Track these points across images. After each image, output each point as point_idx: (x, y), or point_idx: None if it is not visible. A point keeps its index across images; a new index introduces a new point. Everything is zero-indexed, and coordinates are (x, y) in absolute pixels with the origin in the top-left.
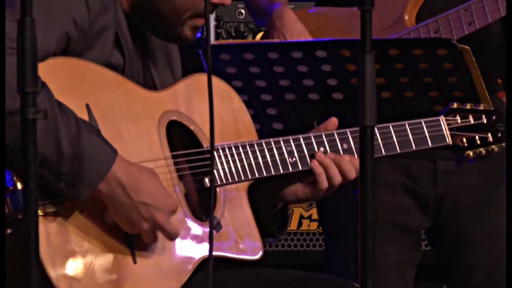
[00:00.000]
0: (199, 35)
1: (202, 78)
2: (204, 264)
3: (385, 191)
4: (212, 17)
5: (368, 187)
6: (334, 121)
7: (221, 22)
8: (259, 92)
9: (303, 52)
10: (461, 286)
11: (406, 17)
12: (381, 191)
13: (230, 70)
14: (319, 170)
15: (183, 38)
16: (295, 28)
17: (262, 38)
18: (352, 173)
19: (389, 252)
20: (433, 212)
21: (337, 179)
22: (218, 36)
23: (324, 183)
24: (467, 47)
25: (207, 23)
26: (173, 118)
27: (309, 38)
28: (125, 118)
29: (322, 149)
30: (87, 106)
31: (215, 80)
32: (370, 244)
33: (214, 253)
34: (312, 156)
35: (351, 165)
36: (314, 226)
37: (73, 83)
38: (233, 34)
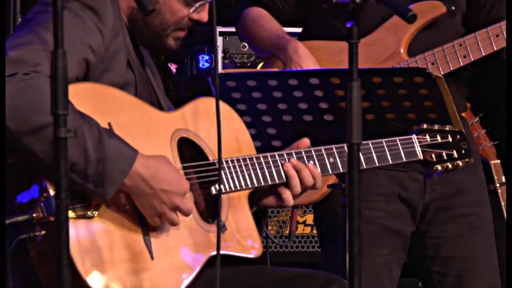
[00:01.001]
0: (209, 65)
1: (207, 101)
2: (211, 260)
3: (380, 199)
4: (220, 50)
5: (355, 196)
6: (306, 141)
7: (228, 54)
8: (260, 114)
9: (298, 80)
10: (440, 278)
11: (402, 51)
12: (376, 200)
13: (236, 95)
14: (292, 172)
15: (167, 47)
16: (309, 60)
17: (263, 66)
18: (310, 181)
19: (380, 254)
20: (420, 217)
21: (309, 181)
22: (224, 66)
23: (297, 186)
24: (440, 75)
25: (215, 55)
26: (183, 135)
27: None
28: (142, 135)
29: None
30: (109, 124)
31: (227, 106)
32: (356, 246)
33: (221, 251)
34: None
35: (310, 174)
36: (308, 230)
37: (97, 105)
38: (238, 64)
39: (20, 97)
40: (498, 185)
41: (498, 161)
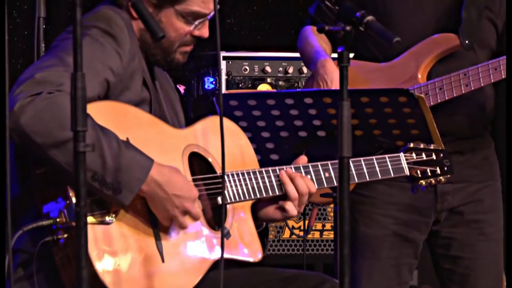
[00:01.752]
0: (213, 86)
1: (215, 119)
2: (216, 264)
3: (392, 207)
4: (223, 72)
5: (345, 204)
6: (304, 158)
7: (230, 76)
8: (260, 130)
9: (294, 99)
10: (449, 274)
11: (419, 76)
12: (389, 208)
13: (237, 113)
14: (286, 179)
15: (176, 61)
16: (334, 75)
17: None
18: (304, 187)
19: (391, 257)
20: (432, 224)
21: (303, 187)
22: (227, 87)
23: (292, 192)
24: (422, 96)
25: (219, 77)
26: (194, 150)
27: None
28: (157, 149)
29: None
30: (127, 139)
31: (226, 121)
32: (346, 249)
33: (224, 255)
34: None
35: (303, 181)
36: (301, 234)
37: (117, 121)
38: (240, 85)
39: (45, 114)
40: None
41: None
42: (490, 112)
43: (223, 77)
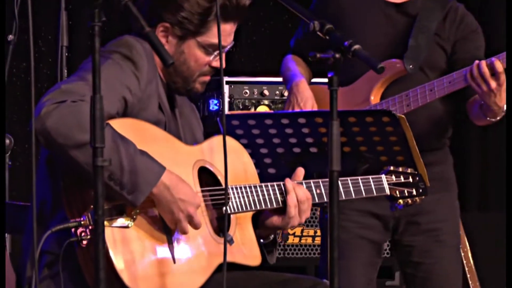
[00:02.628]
0: (217, 108)
1: (221, 138)
2: (221, 266)
3: (354, 213)
4: (226, 95)
5: (334, 212)
6: (301, 170)
7: (233, 99)
8: (258, 147)
9: (289, 119)
10: (411, 278)
11: (372, 98)
12: (351, 213)
13: (239, 132)
14: (290, 187)
15: (195, 90)
16: (305, 95)
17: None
18: (304, 195)
19: (356, 257)
20: (392, 230)
21: (302, 196)
22: (230, 108)
23: (293, 200)
24: (403, 116)
25: (222, 100)
26: (202, 165)
27: (313, 103)
28: (170, 163)
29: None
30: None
31: (232, 141)
32: (335, 252)
33: (228, 259)
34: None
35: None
36: (296, 240)
37: (136, 137)
38: (241, 107)
39: (68, 118)
40: None
41: None
42: (444, 127)
43: (226, 100)
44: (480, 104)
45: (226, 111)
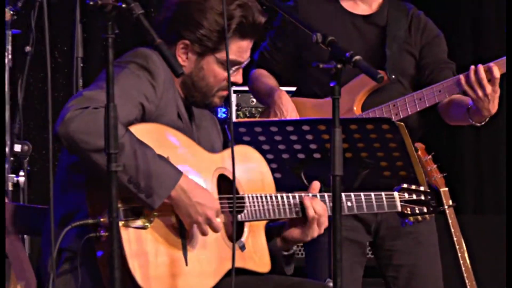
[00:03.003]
0: (225, 116)
1: (241, 147)
2: (231, 271)
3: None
4: (234, 104)
5: (338, 216)
6: (317, 184)
7: (240, 107)
8: (264, 153)
9: (294, 127)
10: (393, 280)
11: (355, 108)
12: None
13: (246, 138)
14: (308, 203)
15: (213, 104)
16: (289, 106)
17: (262, 112)
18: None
19: (344, 257)
20: (374, 233)
21: (319, 209)
22: (238, 116)
23: (312, 213)
24: (402, 123)
25: (230, 108)
26: (222, 172)
27: (296, 113)
28: (191, 168)
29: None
30: (167, 158)
31: (253, 151)
32: (338, 254)
33: (239, 265)
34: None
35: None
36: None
37: (158, 142)
38: (248, 115)
39: (90, 124)
40: (446, 207)
41: (446, 188)
42: (416, 132)
43: (234, 108)
44: (467, 107)
45: (234, 119)
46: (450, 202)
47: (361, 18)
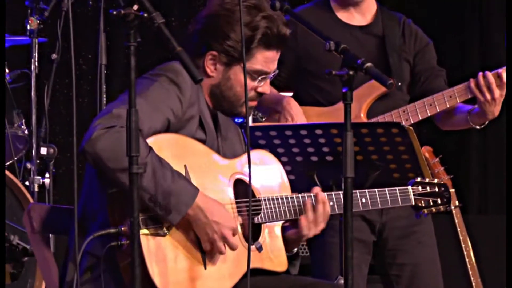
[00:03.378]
0: (242, 120)
1: (257, 152)
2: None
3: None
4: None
5: (349, 216)
6: (318, 188)
7: (255, 112)
8: (279, 156)
9: (307, 131)
10: (396, 279)
11: (362, 115)
12: None
13: (261, 142)
14: (321, 195)
15: (242, 114)
16: (298, 111)
17: (268, 118)
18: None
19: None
20: (378, 233)
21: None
22: (254, 120)
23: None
24: (411, 127)
25: (247, 113)
26: (239, 177)
27: (305, 118)
28: (209, 175)
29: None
30: (185, 166)
31: (268, 155)
32: (350, 252)
33: (256, 265)
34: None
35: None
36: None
37: (176, 151)
38: (263, 119)
39: (116, 144)
40: (453, 207)
41: (453, 190)
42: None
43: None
44: (468, 110)
45: (250, 123)
46: (457, 203)
47: (358, 29)
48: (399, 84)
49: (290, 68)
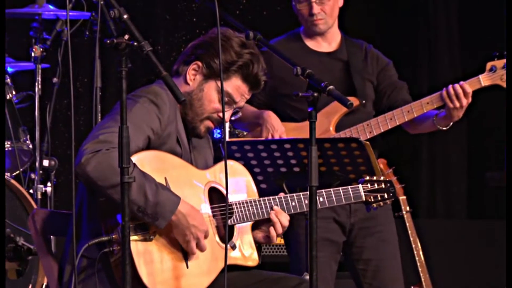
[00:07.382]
0: (220, 136)
1: (228, 162)
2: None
3: (321, 220)
4: (227, 125)
5: (313, 220)
6: (281, 194)
7: (232, 128)
8: (252, 167)
9: (277, 145)
10: (363, 272)
11: (331, 128)
12: (319, 221)
13: (237, 155)
14: (274, 218)
15: (198, 131)
16: (278, 124)
17: (251, 130)
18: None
19: (323, 255)
20: (348, 232)
21: (284, 221)
22: (230, 136)
23: (278, 224)
24: (368, 142)
25: (224, 129)
26: (213, 185)
27: (283, 129)
28: (186, 185)
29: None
30: (165, 178)
31: (237, 165)
32: (314, 251)
33: (231, 262)
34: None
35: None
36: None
37: (157, 165)
38: (238, 135)
39: (104, 165)
40: (404, 212)
41: (405, 197)
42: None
43: (227, 130)
44: (434, 115)
45: (227, 139)
46: (408, 208)
47: (325, 55)
48: (363, 102)
49: (267, 92)
